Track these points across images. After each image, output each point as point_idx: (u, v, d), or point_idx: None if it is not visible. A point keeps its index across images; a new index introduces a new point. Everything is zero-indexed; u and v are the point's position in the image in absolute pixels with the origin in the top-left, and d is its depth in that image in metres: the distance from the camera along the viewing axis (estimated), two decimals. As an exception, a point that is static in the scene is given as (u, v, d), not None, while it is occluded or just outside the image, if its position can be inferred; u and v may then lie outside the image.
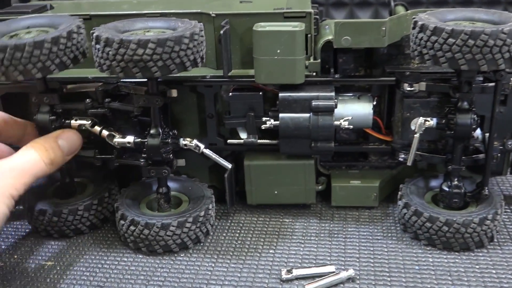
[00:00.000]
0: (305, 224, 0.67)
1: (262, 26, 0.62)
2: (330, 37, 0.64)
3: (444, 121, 0.63)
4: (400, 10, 0.80)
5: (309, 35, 0.64)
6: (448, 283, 0.56)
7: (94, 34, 0.56)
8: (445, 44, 0.54)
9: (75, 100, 0.64)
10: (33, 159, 0.57)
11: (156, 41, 0.54)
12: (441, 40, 0.55)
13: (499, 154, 0.67)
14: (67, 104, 0.64)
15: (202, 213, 0.63)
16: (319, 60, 0.65)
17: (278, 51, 0.61)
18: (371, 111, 0.67)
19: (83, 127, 0.64)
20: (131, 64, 0.55)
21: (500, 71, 0.59)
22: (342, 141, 0.71)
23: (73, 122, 0.64)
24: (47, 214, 0.64)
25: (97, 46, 0.56)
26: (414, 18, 0.59)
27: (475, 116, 0.61)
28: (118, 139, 0.63)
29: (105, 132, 0.64)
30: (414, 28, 0.58)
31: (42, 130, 0.63)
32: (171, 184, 0.67)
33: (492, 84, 0.62)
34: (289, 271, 0.57)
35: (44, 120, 0.62)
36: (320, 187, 0.71)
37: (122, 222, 0.63)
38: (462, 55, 0.54)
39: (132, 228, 0.62)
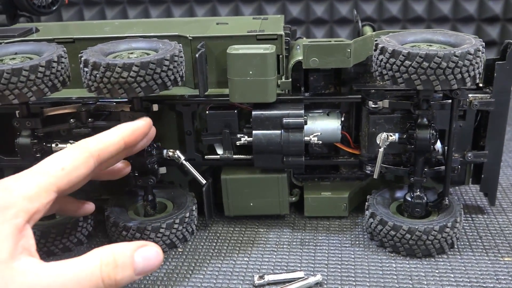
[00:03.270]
0: (279, 234, 0.71)
1: (236, 49, 0.66)
2: (300, 58, 0.68)
3: (405, 136, 0.67)
4: (368, 30, 0.84)
5: (280, 56, 0.69)
6: (409, 286, 0.60)
7: (82, 58, 0.60)
8: (402, 66, 0.59)
9: (57, 121, 0.66)
10: (91, 275, 0.45)
11: (139, 64, 0.58)
12: (399, 62, 0.59)
13: (459, 166, 0.71)
14: (50, 126, 0.66)
15: (187, 214, 0.68)
16: (290, 80, 0.70)
17: (251, 72, 0.65)
18: (339, 127, 0.71)
19: None
20: (117, 86, 0.58)
21: (455, 90, 0.63)
22: (315, 154, 0.75)
23: (53, 146, 0.66)
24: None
25: (85, 69, 0.59)
26: (376, 40, 0.63)
27: (433, 131, 0.66)
28: None
29: None
30: (375, 50, 0.63)
31: (23, 153, 0.64)
32: (156, 191, 0.71)
33: (450, 101, 0.66)
34: (261, 277, 0.61)
35: (25, 143, 0.64)
36: (294, 199, 0.75)
37: (113, 229, 0.67)
38: (418, 76, 0.58)
39: (124, 233, 0.66)
